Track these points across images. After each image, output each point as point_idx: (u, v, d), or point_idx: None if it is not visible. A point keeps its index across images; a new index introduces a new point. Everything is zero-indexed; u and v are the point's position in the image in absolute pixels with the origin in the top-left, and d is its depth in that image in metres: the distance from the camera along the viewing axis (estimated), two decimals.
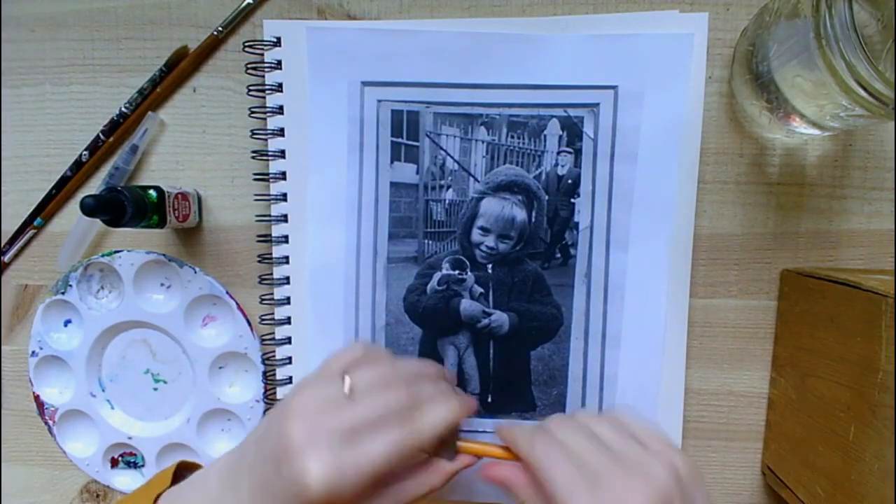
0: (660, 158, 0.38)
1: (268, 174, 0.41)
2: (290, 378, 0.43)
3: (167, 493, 0.33)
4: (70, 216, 0.45)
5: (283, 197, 0.41)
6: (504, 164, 0.40)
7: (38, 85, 0.44)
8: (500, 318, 0.41)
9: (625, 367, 0.40)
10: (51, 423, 0.46)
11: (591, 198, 0.39)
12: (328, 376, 0.33)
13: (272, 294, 0.42)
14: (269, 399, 0.44)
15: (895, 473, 0.28)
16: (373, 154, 0.40)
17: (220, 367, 0.44)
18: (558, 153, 0.39)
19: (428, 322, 0.41)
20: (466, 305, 0.41)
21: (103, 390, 0.46)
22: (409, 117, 0.40)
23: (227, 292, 0.43)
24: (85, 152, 0.44)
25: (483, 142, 0.40)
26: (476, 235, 0.40)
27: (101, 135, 0.44)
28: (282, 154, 0.41)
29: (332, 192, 0.41)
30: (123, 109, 0.43)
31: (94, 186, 0.45)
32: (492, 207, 0.40)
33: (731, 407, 0.42)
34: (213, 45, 0.42)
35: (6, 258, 0.46)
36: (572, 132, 0.39)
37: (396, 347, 0.42)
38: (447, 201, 0.40)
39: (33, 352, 0.46)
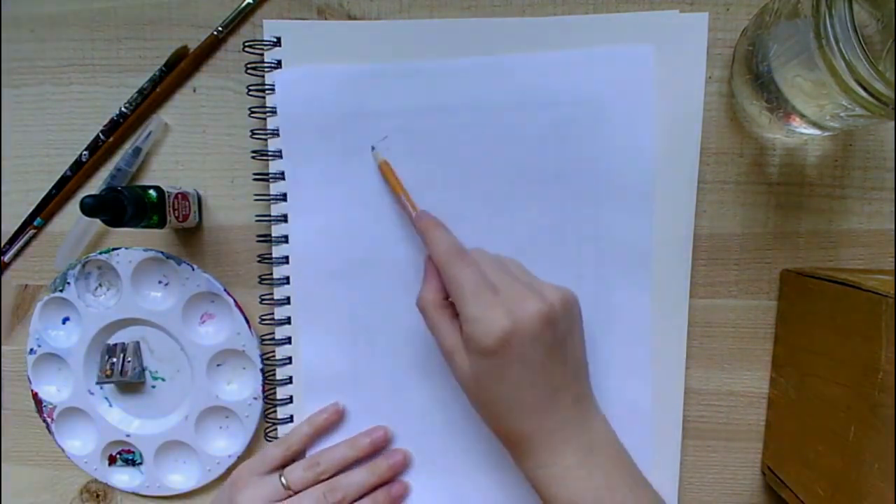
0: (663, 159, 0.38)
1: (268, 174, 0.41)
2: (290, 378, 0.43)
3: None
4: (70, 216, 0.45)
5: (283, 197, 0.41)
6: None
7: (38, 85, 0.44)
8: None
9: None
10: (49, 420, 0.46)
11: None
12: (265, 476, 0.40)
13: (272, 294, 0.42)
14: (269, 399, 0.44)
15: (895, 473, 0.28)
16: None
17: (219, 365, 0.44)
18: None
19: None
20: None
21: (101, 388, 0.46)
22: None
23: (225, 289, 0.43)
24: (85, 152, 0.44)
25: None
26: None
27: (101, 135, 0.44)
28: (280, 154, 0.41)
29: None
30: (123, 109, 0.43)
31: (95, 186, 0.45)
32: None
33: (731, 407, 0.42)
34: (213, 45, 0.42)
35: (6, 258, 0.46)
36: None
37: None
38: None
39: (31, 349, 0.46)
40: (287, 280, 0.42)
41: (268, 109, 0.40)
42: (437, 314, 0.35)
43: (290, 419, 0.43)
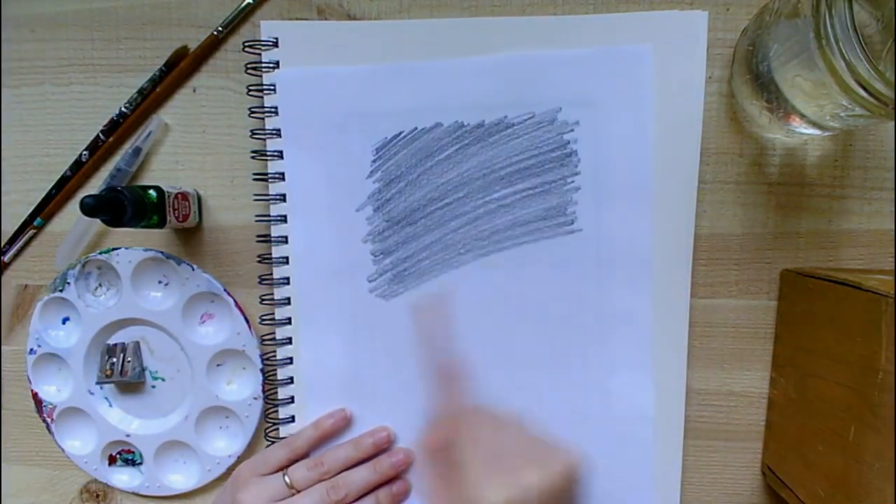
0: (662, 161, 0.39)
1: (267, 174, 0.41)
2: (291, 378, 0.43)
3: None
4: (70, 216, 0.45)
5: (283, 197, 0.41)
6: None
7: (38, 85, 0.44)
8: None
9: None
10: (49, 420, 0.47)
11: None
12: (267, 476, 0.39)
13: (272, 294, 0.42)
14: (270, 399, 0.44)
15: (895, 473, 0.28)
16: None
17: (219, 365, 0.44)
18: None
19: None
20: None
21: (101, 388, 0.46)
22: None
23: (225, 289, 0.43)
24: (85, 152, 0.44)
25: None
26: None
27: (101, 135, 0.44)
28: (280, 154, 0.41)
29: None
30: (123, 109, 0.43)
31: (95, 186, 0.45)
32: None
33: (731, 407, 0.42)
34: (213, 45, 0.42)
35: (6, 258, 0.46)
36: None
37: None
38: None
39: (31, 349, 0.46)
40: (287, 280, 0.42)
41: (267, 109, 0.40)
42: (437, 461, 0.36)
43: (292, 419, 0.43)
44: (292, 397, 0.43)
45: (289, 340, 0.43)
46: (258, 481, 0.39)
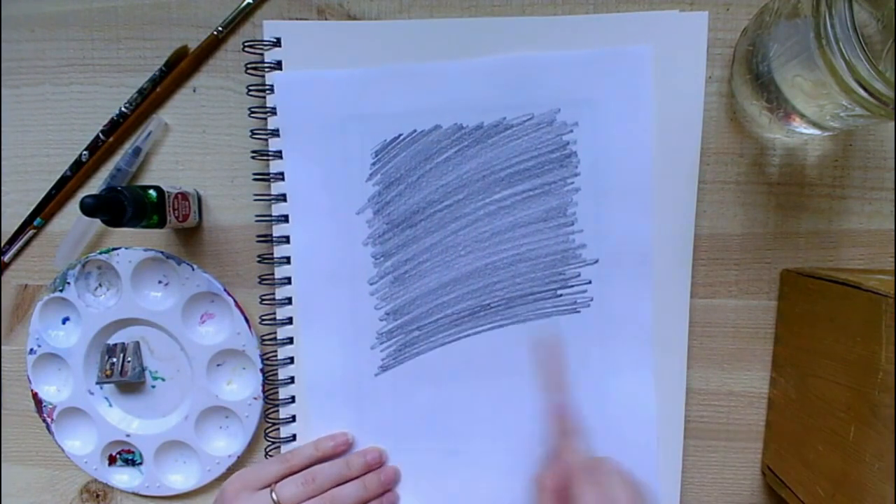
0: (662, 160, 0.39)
1: (268, 174, 0.41)
2: (292, 378, 0.43)
3: None
4: (70, 216, 0.45)
5: (283, 197, 0.41)
6: None
7: (38, 85, 0.44)
8: None
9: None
10: (49, 420, 0.47)
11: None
12: (256, 492, 0.39)
13: (272, 294, 0.42)
14: (271, 399, 0.44)
15: (895, 473, 0.28)
16: None
17: (218, 365, 0.44)
18: None
19: None
20: None
21: (101, 388, 0.46)
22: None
23: (225, 289, 0.43)
24: (85, 152, 0.44)
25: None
26: None
27: (101, 135, 0.44)
28: (280, 154, 0.41)
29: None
30: (123, 109, 0.43)
31: (95, 186, 0.45)
32: None
33: (731, 407, 0.42)
34: (213, 45, 0.42)
35: (6, 258, 0.46)
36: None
37: None
38: None
39: (31, 349, 0.46)
40: (289, 280, 0.42)
41: (268, 109, 0.40)
42: (551, 500, 0.36)
43: (292, 419, 0.43)
44: (293, 397, 0.43)
45: (290, 340, 0.43)
46: (246, 498, 0.39)
